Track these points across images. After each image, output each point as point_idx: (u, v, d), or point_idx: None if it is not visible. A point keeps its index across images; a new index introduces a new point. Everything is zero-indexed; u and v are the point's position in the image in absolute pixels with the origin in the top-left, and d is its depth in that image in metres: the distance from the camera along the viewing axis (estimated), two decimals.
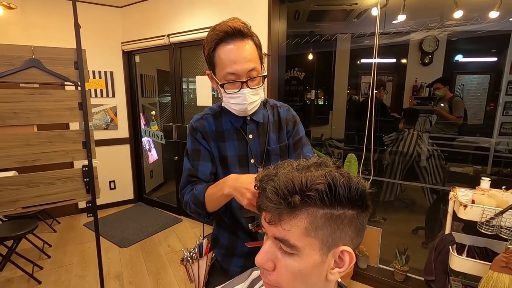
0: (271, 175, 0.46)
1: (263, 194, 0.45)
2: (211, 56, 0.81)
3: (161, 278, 2.28)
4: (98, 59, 3.27)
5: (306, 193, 0.41)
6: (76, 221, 3.28)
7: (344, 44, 4.10)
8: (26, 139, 1.54)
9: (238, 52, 0.78)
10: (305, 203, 0.42)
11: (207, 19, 2.68)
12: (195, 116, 0.94)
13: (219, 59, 0.80)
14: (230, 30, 0.77)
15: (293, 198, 0.41)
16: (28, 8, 2.90)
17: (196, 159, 0.91)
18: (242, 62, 0.78)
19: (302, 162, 0.47)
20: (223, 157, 0.91)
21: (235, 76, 0.80)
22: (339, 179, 0.42)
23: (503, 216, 1.23)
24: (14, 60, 1.48)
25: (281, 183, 0.43)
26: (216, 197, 0.80)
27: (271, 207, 0.43)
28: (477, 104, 3.95)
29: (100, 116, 3.41)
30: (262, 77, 0.84)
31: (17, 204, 1.56)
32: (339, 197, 0.42)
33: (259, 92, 0.86)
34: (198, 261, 0.95)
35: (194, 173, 0.91)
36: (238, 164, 0.91)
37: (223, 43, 0.78)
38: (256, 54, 0.82)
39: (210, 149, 0.91)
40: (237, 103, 0.84)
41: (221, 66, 0.80)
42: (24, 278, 2.21)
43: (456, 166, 2.65)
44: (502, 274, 1.20)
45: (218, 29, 0.78)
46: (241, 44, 0.78)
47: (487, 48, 3.73)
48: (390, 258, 2.23)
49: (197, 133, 0.91)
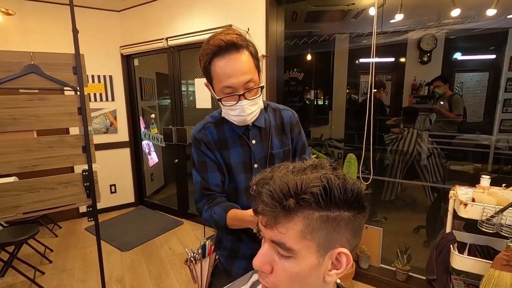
0: (266, 178, 0.46)
1: (259, 197, 0.45)
2: (207, 70, 0.81)
3: (163, 281, 2.28)
4: (97, 63, 3.28)
5: (301, 196, 0.42)
6: (77, 225, 3.28)
7: (343, 44, 4.10)
8: (26, 144, 1.55)
9: (233, 65, 0.77)
10: (300, 206, 0.42)
11: (205, 21, 2.68)
12: (197, 126, 0.94)
13: (215, 73, 0.79)
14: (223, 44, 0.76)
15: (288, 202, 0.41)
16: (26, 14, 2.91)
17: (204, 171, 0.91)
18: (238, 75, 0.77)
19: (298, 165, 0.47)
20: (228, 165, 0.92)
21: (232, 89, 0.79)
22: (334, 181, 0.42)
23: (503, 214, 1.23)
24: (13, 66, 1.48)
25: (276, 187, 0.43)
26: (237, 224, 0.86)
27: (266, 211, 0.43)
28: (476, 101, 3.95)
29: (100, 120, 3.41)
30: (259, 88, 0.83)
31: (18, 209, 1.57)
32: (334, 199, 0.42)
33: (258, 102, 0.85)
34: (201, 261, 0.96)
35: (206, 185, 0.91)
36: (243, 170, 0.92)
37: (217, 57, 0.77)
38: (252, 64, 0.80)
39: (216, 158, 0.91)
40: (236, 115, 0.84)
41: (218, 79, 0.80)
42: (26, 283, 2.21)
43: (456, 164, 2.65)
44: (504, 272, 1.20)
45: (212, 43, 0.77)
46: (236, 57, 0.77)
47: (485, 45, 3.72)
48: (391, 258, 2.23)
49: (201, 144, 0.91)
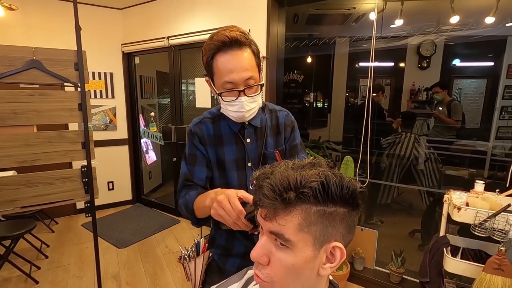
0: (267, 173, 0.48)
1: (259, 191, 0.47)
2: (209, 65, 0.83)
3: (159, 279, 2.28)
4: (98, 60, 3.29)
5: (300, 190, 0.43)
6: (74, 221, 3.28)
7: (343, 48, 4.12)
8: (26, 139, 1.56)
9: (236, 61, 0.79)
10: (299, 200, 0.44)
11: (206, 21, 2.70)
12: (194, 120, 0.96)
13: (217, 68, 0.81)
14: (227, 40, 0.77)
15: (288, 194, 0.43)
16: (29, 10, 2.92)
17: (192, 163, 0.93)
18: (240, 71, 0.79)
19: (297, 162, 0.49)
20: (221, 161, 0.93)
21: (233, 84, 0.81)
22: (331, 178, 0.44)
23: (495, 218, 1.25)
24: (15, 61, 1.50)
25: (277, 181, 0.45)
26: (201, 206, 0.82)
27: (267, 203, 0.45)
28: (474, 108, 3.98)
29: (100, 117, 3.42)
30: (259, 85, 0.85)
31: (16, 203, 1.57)
32: (331, 195, 0.44)
33: (257, 99, 0.87)
34: (195, 259, 0.97)
35: (190, 177, 0.93)
36: (236, 167, 0.93)
37: (220, 52, 0.79)
38: (254, 62, 0.82)
39: (207, 154, 0.92)
40: (234, 111, 0.85)
41: (219, 75, 0.81)
42: (22, 278, 2.21)
43: (451, 169, 2.68)
44: (495, 276, 1.22)
45: (216, 39, 0.79)
46: (238, 53, 0.79)
47: (484, 52, 3.76)
48: (386, 260, 2.25)
49: (194, 137, 0.93)
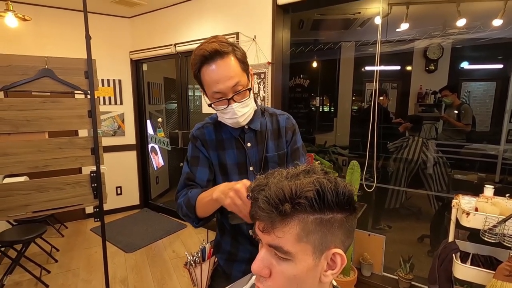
0: (262, 185, 0.48)
1: (255, 204, 0.47)
2: (198, 78, 0.86)
3: (166, 284, 2.29)
4: (107, 68, 3.37)
5: (296, 200, 0.43)
6: (83, 226, 3.33)
7: (348, 52, 4.13)
8: (38, 145, 1.60)
9: (220, 71, 0.81)
10: (296, 210, 0.44)
11: (212, 29, 2.75)
12: (196, 125, 0.98)
13: (204, 80, 0.84)
14: (207, 53, 0.80)
15: (284, 207, 0.43)
16: (42, 20, 3.02)
17: (194, 164, 0.94)
18: (224, 81, 0.81)
19: (291, 170, 0.49)
20: (223, 165, 0.94)
21: (221, 94, 0.83)
22: (326, 185, 0.44)
23: (506, 224, 1.22)
24: (28, 70, 1.55)
25: (272, 193, 0.44)
26: (206, 201, 0.81)
27: (263, 216, 0.45)
28: (483, 111, 3.91)
29: (108, 123, 3.49)
30: (248, 90, 0.86)
31: (28, 208, 1.61)
32: (327, 202, 0.44)
33: (249, 103, 0.88)
34: (201, 265, 0.97)
35: (191, 177, 0.94)
36: (238, 171, 0.94)
37: (205, 65, 0.81)
38: (239, 68, 0.83)
39: (209, 156, 0.94)
40: (228, 118, 0.87)
41: (207, 86, 0.84)
42: (32, 281, 2.25)
43: (460, 173, 2.63)
44: (506, 282, 1.19)
45: (197, 53, 0.82)
46: (221, 63, 0.80)
47: (492, 55, 3.70)
48: (394, 266, 2.21)
49: (197, 141, 0.95)
